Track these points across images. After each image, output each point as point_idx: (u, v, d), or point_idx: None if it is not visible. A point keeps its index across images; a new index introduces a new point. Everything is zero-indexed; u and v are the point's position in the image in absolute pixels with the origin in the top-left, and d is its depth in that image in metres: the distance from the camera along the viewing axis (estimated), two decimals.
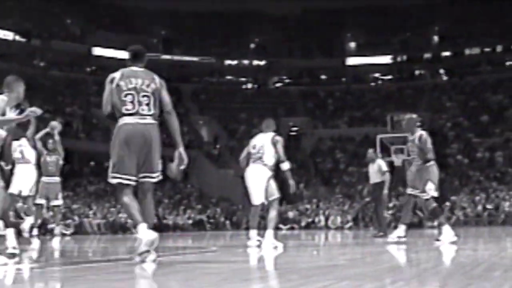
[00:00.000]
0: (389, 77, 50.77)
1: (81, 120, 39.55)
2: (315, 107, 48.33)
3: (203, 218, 31.64)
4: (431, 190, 10.27)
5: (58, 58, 45.02)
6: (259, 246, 9.56)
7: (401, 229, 10.98)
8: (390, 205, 30.07)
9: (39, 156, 13.50)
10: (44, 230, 21.68)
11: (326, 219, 31.25)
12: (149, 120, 6.26)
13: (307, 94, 49.50)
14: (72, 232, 24.11)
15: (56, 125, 13.83)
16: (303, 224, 31.23)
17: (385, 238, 13.71)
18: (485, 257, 7.48)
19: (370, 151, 15.04)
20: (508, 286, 3.98)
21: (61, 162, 14.20)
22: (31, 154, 13.02)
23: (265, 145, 9.80)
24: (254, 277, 5.01)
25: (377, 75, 51.03)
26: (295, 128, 46.53)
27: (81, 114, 40.03)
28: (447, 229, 10.42)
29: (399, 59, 50.57)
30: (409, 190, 10.77)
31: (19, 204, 15.01)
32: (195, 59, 50.85)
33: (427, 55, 50.18)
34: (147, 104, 6.26)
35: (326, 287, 4.04)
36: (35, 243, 12.21)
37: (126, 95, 6.22)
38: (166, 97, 6.42)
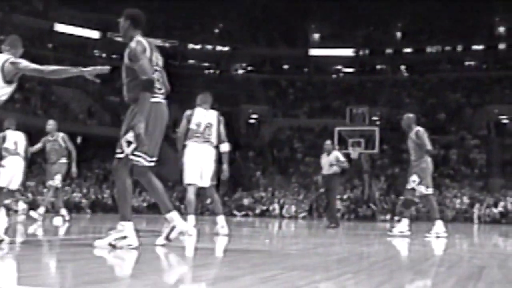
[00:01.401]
0: (351, 70, 51.06)
1: (40, 96, 38.96)
2: (276, 96, 48.43)
3: None
4: (415, 182, 10.52)
5: (19, 32, 44.02)
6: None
7: (438, 225, 10.70)
8: (345, 196, 30.39)
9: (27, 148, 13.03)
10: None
11: (281, 207, 31.39)
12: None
13: (269, 82, 49.55)
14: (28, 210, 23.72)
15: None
16: (257, 211, 31.35)
17: (337, 229, 13.85)
18: (433, 252, 7.62)
19: (328, 142, 15.18)
20: (452, 282, 4.07)
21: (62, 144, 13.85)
22: (22, 146, 12.50)
23: (213, 124, 9.26)
24: (204, 263, 5.03)
25: (339, 67, 51.27)
26: (255, 116, 46.61)
27: (41, 90, 39.42)
28: (405, 222, 10.71)
29: (361, 52, 50.86)
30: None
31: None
32: (157, 41, 50.44)
33: (389, 50, 50.56)
34: (162, 83, 5.97)
35: (275, 276, 4.07)
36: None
37: (154, 71, 5.78)
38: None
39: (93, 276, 3.80)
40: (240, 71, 51.91)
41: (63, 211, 14.06)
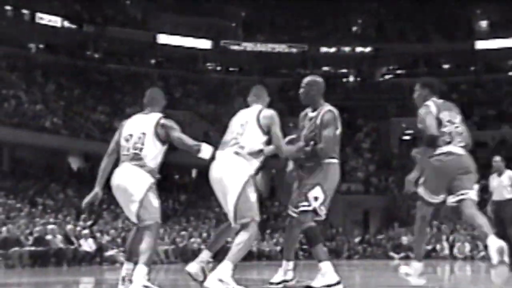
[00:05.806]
0: None
1: None
2: None
3: None
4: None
5: (116, 47, 45.90)
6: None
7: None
8: None
9: None
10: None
11: (451, 246, 30.80)
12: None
13: None
14: None
15: None
16: None
17: None
18: None
19: (497, 159, 14.66)
20: None
21: None
22: None
23: (146, 133, 7.66)
24: None
25: None
26: (409, 132, 46.05)
27: None
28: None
29: None
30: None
31: None
32: (283, 46, 51.00)
33: None
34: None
35: None
36: None
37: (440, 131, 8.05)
38: None
39: None
40: (387, 76, 51.61)
41: None
